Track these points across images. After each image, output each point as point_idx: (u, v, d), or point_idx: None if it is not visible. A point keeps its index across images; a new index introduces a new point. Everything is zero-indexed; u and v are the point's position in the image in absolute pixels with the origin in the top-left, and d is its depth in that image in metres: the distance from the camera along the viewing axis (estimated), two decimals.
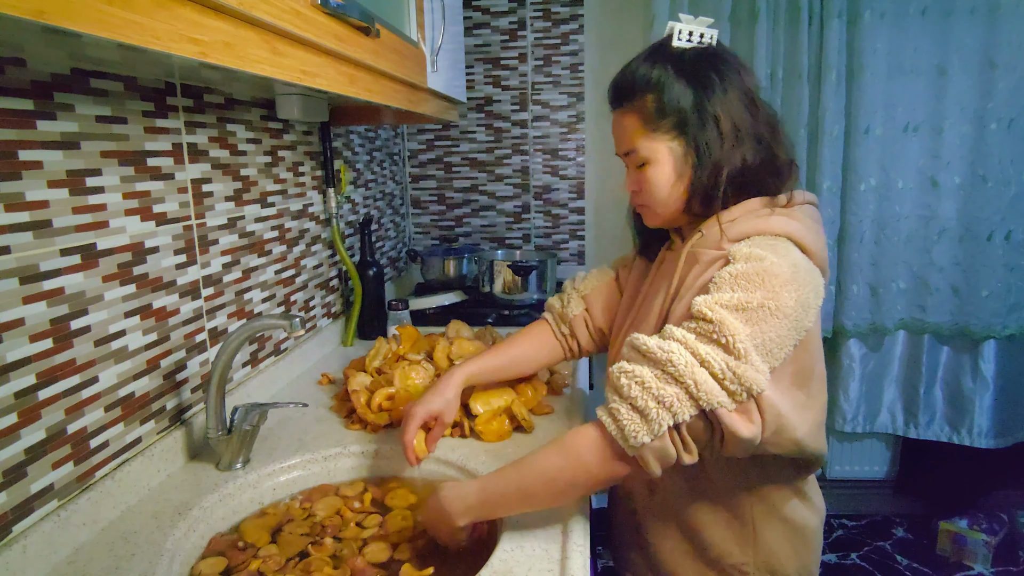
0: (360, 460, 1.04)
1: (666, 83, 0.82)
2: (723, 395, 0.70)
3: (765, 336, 0.71)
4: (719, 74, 0.82)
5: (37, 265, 0.75)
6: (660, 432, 0.70)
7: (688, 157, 0.83)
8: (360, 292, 1.61)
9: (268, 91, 1.25)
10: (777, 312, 0.72)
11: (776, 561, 0.88)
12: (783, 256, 0.75)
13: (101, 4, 0.46)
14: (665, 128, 0.83)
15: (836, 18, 1.96)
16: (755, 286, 0.73)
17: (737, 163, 0.81)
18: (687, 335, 0.73)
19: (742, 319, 0.71)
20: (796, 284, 0.74)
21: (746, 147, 0.81)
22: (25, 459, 0.73)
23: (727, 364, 0.70)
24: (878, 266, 2.12)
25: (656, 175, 0.85)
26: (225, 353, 0.93)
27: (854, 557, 2.22)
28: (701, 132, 0.81)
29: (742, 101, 0.82)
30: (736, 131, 0.81)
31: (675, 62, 0.82)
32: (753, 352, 0.70)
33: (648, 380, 0.71)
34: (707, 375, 0.70)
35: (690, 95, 0.81)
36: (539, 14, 2.22)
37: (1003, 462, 2.20)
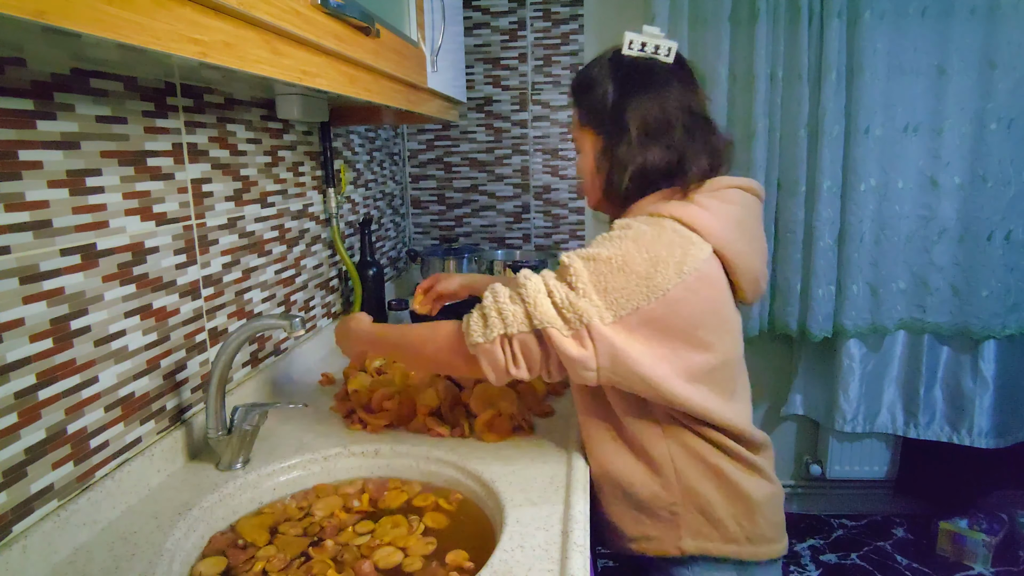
0: (360, 460, 1.04)
1: (598, 85, 0.94)
2: (558, 320, 0.82)
3: (608, 284, 0.82)
4: (646, 83, 0.91)
5: (37, 265, 0.75)
6: (491, 337, 0.84)
7: (604, 152, 0.94)
8: (360, 292, 1.61)
9: (268, 91, 1.25)
10: (624, 267, 0.82)
11: (703, 501, 0.92)
12: (652, 226, 0.86)
13: (101, 4, 0.46)
14: (591, 124, 0.96)
15: (836, 18, 1.96)
16: (611, 244, 0.85)
17: (638, 163, 0.90)
18: (547, 273, 0.87)
19: (589, 267, 0.84)
20: (652, 247, 0.83)
21: (652, 151, 0.90)
22: (25, 459, 0.73)
23: (567, 296, 0.82)
24: (878, 266, 2.12)
25: (582, 164, 0.99)
26: (225, 353, 0.93)
27: (854, 557, 2.22)
28: (615, 132, 0.92)
29: (663, 110, 0.90)
30: (644, 136, 0.90)
31: (613, 67, 0.94)
32: (593, 292, 0.82)
33: (502, 296, 0.86)
34: (549, 304, 0.83)
35: (613, 98, 0.92)
36: (539, 14, 2.22)
37: (1003, 462, 2.20)
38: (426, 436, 1.07)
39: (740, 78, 2.08)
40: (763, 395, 2.42)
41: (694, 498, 0.92)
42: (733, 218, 0.90)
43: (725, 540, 0.93)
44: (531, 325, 0.83)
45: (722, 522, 0.92)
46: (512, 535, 0.80)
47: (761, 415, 2.43)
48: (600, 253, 0.84)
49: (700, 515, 0.92)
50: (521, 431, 1.09)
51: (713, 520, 0.92)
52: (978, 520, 2.19)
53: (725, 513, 0.92)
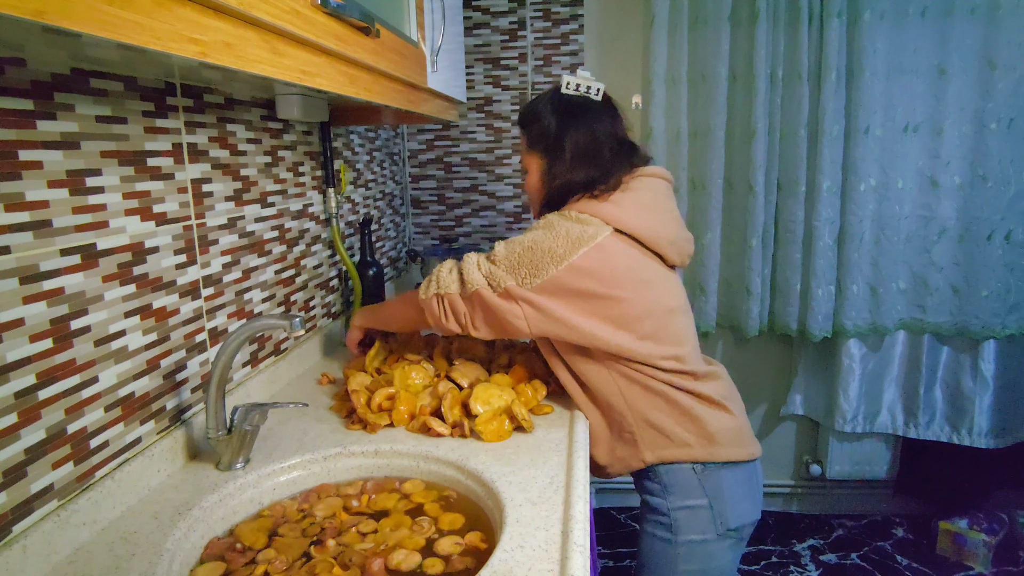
0: (360, 460, 1.04)
1: (543, 117, 1.18)
2: (485, 285, 1.09)
3: (521, 260, 1.07)
4: (579, 118, 1.16)
5: (37, 265, 0.75)
6: (429, 295, 1.14)
7: (545, 172, 1.18)
8: (360, 292, 1.61)
9: (268, 91, 1.25)
10: (533, 247, 1.07)
11: (654, 419, 1.13)
12: (560, 217, 1.11)
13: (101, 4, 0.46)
14: (537, 149, 1.20)
15: (836, 18, 1.96)
16: (528, 233, 1.11)
17: (569, 178, 1.15)
18: (481, 256, 1.13)
19: (506, 248, 1.10)
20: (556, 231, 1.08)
21: (578, 171, 1.14)
22: (25, 459, 0.73)
23: (490, 269, 1.09)
24: (878, 266, 2.12)
25: (529, 180, 1.23)
26: (225, 353, 0.93)
27: (854, 557, 2.22)
28: (553, 155, 1.17)
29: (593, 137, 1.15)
30: (574, 158, 1.15)
31: (555, 103, 1.18)
32: (506, 265, 1.08)
33: (446, 267, 1.15)
34: (478, 273, 1.10)
35: (554, 128, 1.17)
36: (539, 14, 2.22)
37: (1003, 462, 2.20)
38: (426, 436, 1.07)
39: (740, 78, 2.08)
40: (763, 395, 2.42)
41: (644, 415, 1.13)
42: (638, 202, 1.13)
43: (678, 446, 1.12)
44: (462, 288, 1.11)
45: (674, 433, 1.12)
46: (512, 535, 0.80)
47: (761, 415, 2.43)
48: (515, 238, 1.11)
49: (652, 429, 1.13)
50: (521, 431, 1.09)
51: (664, 431, 1.13)
52: (978, 520, 2.19)
53: (676, 427, 1.12)
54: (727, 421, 1.14)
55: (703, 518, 1.12)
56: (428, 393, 1.16)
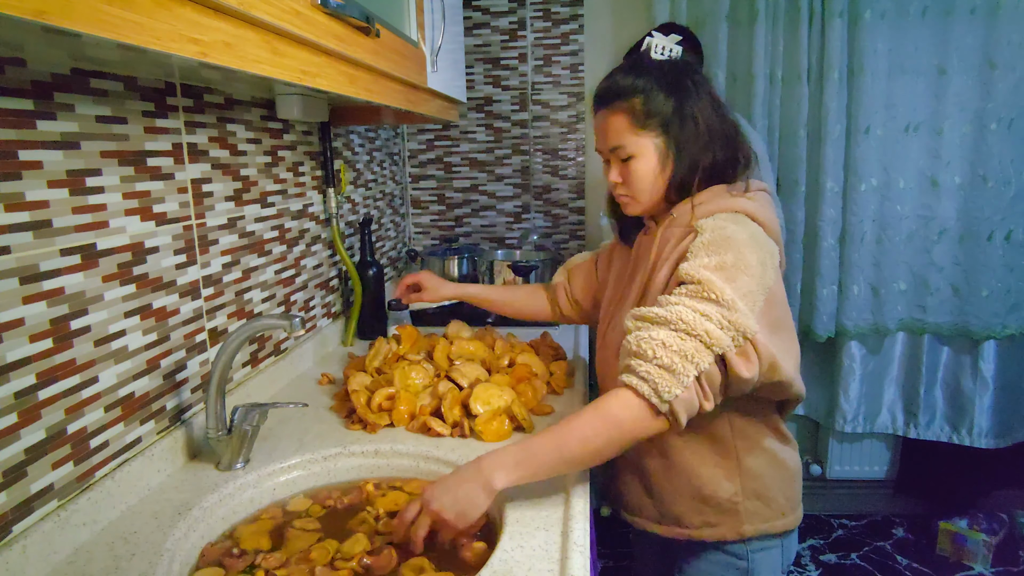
0: (360, 460, 1.04)
1: (652, 89, 0.95)
2: (728, 340, 0.81)
3: (742, 289, 0.84)
4: (694, 83, 0.96)
5: (37, 265, 0.75)
6: (688, 383, 0.81)
7: (669, 152, 0.96)
8: (360, 292, 1.61)
9: (268, 91, 1.25)
10: (747, 269, 0.85)
11: (762, 486, 0.98)
12: (741, 225, 0.90)
13: (101, 4, 0.46)
14: (651, 127, 0.96)
15: (837, 18, 1.96)
16: (724, 249, 0.86)
17: (710, 158, 0.95)
18: (682, 298, 0.84)
19: (723, 277, 0.84)
20: (755, 245, 0.88)
21: (716, 144, 0.96)
22: (25, 459, 0.73)
23: (722, 315, 0.81)
24: (879, 266, 2.12)
25: (642, 168, 0.97)
26: (225, 353, 0.93)
27: (854, 557, 2.22)
28: (682, 131, 0.95)
29: (712, 105, 0.96)
30: (709, 131, 0.95)
31: (657, 72, 0.96)
32: (739, 301, 0.82)
33: (668, 339, 0.81)
34: (714, 327, 0.81)
35: (672, 100, 0.95)
36: (539, 14, 2.22)
37: (1003, 462, 2.20)
38: (426, 436, 1.07)
39: (740, 78, 2.08)
40: None
41: (753, 484, 0.98)
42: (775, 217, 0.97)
43: (778, 516, 1.00)
44: (713, 354, 0.81)
45: (775, 501, 1.00)
46: (512, 535, 0.80)
47: None
48: (724, 261, 0.85)
49: (758, 500, 0.98)
50: (521, 431, 1.09)
51: (768, 502, 0.99)
52: (978, 520, 2.19)
53: (777, 492, 1.00)
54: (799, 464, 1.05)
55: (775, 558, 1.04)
56: (428, 393, 1.16)
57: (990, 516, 2.21)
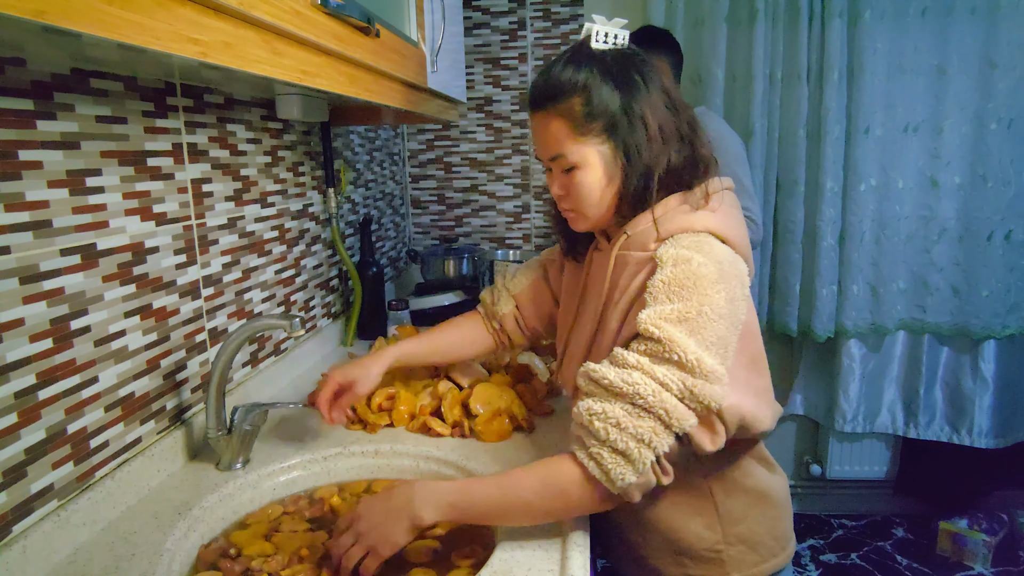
0: (360, 460, 1.04)
1: (593, 85, 0.81)
2: (690, 415, 0.72)
3: (710, 340, 0.73)
4: (642, 75, 0.82)
5: (37, 265, 0.75)
6: (644, 469, 0.72)
7: (618, 159, 0.83)
8: (360, 292, 1.61)
9: (268, 91, 1.25)
10: (714, 315, 0.74)
11: (746, 530, 0.89)
12: (707, 254, 0.77)
13: (101, 4, 0.46)
14: (595, 131, 0.82)
15: (836, 18, 1.96)
16: (689, 292, 0.74)
17: (664, 163, 0.82)
18: (641, 359, 0.74)
19: (686, 330, 0.73)
20: (723, 282, 0.76)
21: (672, 146, 0.82)
22: (25, 459, 0.73)
23: (684, 383, 0.72)
24: (878, 266, 2.12)
25: (586, 179, 0.84)
26: (225, 353, 0.93)
27: (854, 557, 2.22)
28: (631, 134, 0.81)
29: (664, 101, 0.83)
30: (662, 131, 0.82)
31: (599, 64, 0.82)
32: (706, 358, 0.72)
33: (623, 420, 0.72)
34: (673, 399, 0.72)
35: (617, 97, 0.81)
36: (539, 14, 2.22)
37: (1003, 462, 2.20)
38: (426, 436, 1.07)
39: (739, 78, 2.08)
40: None
41: (735, 529, 0.88)
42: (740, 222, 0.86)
43: (765, 560, 0.90)
44: (672, 434, 0.72)
45: (762, 543, 0.90)
46: (512, 535, 0.80)
47: None
48: (688, 310, 0.74)
49: (743, 546, 0.89)
50: (521, 431, 1.09)
51: (755, 546, 0.89)
52: (978, 520, 2.19)
53: (763, 532, 0.90)
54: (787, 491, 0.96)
55: None
56: (428, 393, 1.16)
57: (990, 516, 2.21)
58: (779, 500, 0.92)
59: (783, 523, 0.93)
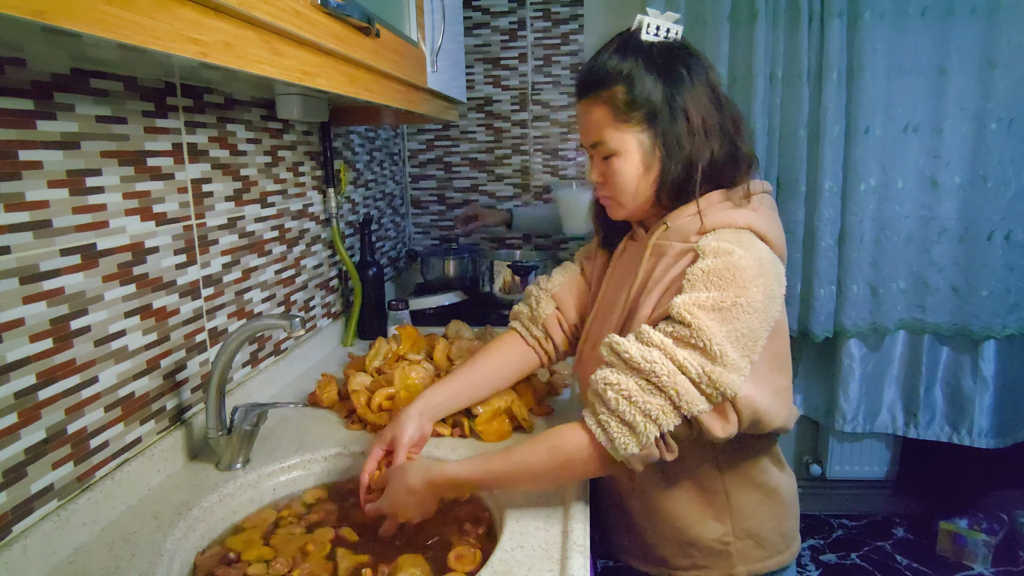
0: (360, 460, 1.04)
1: (637, 75, 0.83)
2: (702, 400, 0.74)
3: (740, 332, 0.75)
4: (688, 69, 0.84)
5: (37, 265, 0.75)
6: (648, 443, 0.74)
7: (656, 150, 0.84)
8: (360, 292, 1.61)
9: (268, 91, 1.25)
10: (749, 307, 0.75)
11: (755, 525, 0.90)
12: (748, 249, 0.78)
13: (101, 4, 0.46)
14: (635, 120, 0.84)
15: (836, 18, 1.96)
16: (727, 283, 0.76)
17: (707, 157, 0.83)
18: (665, 340, 0.75)
19: (718, 319, 0.74)
20: (763, 277, 0.77)
21: (713, 141, 0.83)
22: (25, 459, 0.73)
23: (703, 368, 0.73)
24: (878, 266, 2.12)
25: (624, 167, 0.86)
26: (225, 353, 0.93)
27: (854, 557, 2.22)
28: (671, 126, 0.83)
29: (708, 96, 0.84)
30: (704, 125, 0.83)
31: (645, 55, 0.84)
32: (730, 350, 0.74)
33: (634, 394, 0.74)
34: (687, 382, 0.73)
35: (660, 89, 0.83)
36: (539, 14, 2.22)
37: (1003, 462, 2.20)
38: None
39: (740, 78, 2.08)
40: None
41: (745, 523, 0.90)
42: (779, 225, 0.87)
43: (771, 556, 0.92)
44: (680, 415, 0.74)
45: (769, 540, 0.91)
46: (512, 535, 0.80)
47: None
48: (723, 299, 0.75)
49: (750, 540, 0.90)
50: (521, 431, 1.09)
51: (762, 541, 0.91)
52: (978, 520, 2.19)
53: (771, 529, 0.92)
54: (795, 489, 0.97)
55: None
56: None
57: (990, 516, 2.21)
58: (788, 498, 0.94)
59: (790, 521, 0.95)
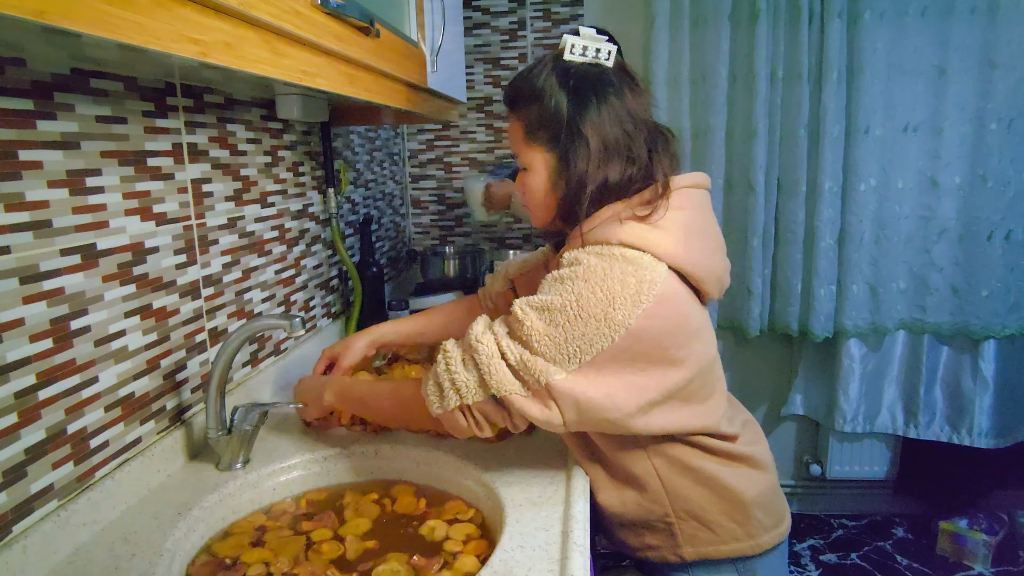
0: (360, 460, 1.04)
1: (547, 96, 0.86)
2: (516, 384, 0.79)
3: (567, 334, 0.78)
4: (597, 93, 0.85)
5: (37, 265, 0.75)
6: (449, 407, 0.82)
7: (561, 170, 0.87)
8: (360, 292, 1.61)
9: (268, 91, 1.25)
10: (580, 312, 0.78)
11: (694, 506, 0.91)
12: (603, 259, 0.81)
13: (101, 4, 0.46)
14: (542, 139, 0.88)
15: (836, 18, 1.96)
16: (564, 288, 0.80)
17: (599, 180, 0.85)
18: (500, 328, 0.82)
19: (544, 319, 0.79)
20: (605, 284, 0.78)
21: (612, 166, 0.85)
22: (25, 459, 0.73)
23: (522, 357, 0.79)
24: (878, 266, 2.12)
25: (532, 182, 0.91)
26: (225, 353, 0.93)
27: (854, 557, 2.22)
28: (571, 147, 0.85)
29: (619, 122, 0.85)
30: (604, 150, 0.85)
31: (560, 76, 0.86)
32: (550, 346, 0.78)
33: (453, 364, 0.82)
34: (504, 367, 0.79)
35: (566, 110, 0.85)
36: (539, 14, 2.22)
37: (1003, 462, 2.20)
38: (426, 436, 1.07)
39: (740, 78, 2.08)
40: (763, 395, 2.42)
41: (685, 505, 0.91)
42: (684, 225, 0.85)
43: (723, 541, 0.92)
44: (487, 392, 0.80)
45: (718, 523, 0.92)
46: (512, 535, 0.80)
47: (761, 415, 2.43)
48: (553, 301, 0.79)
49: (694, 521, 0.92)
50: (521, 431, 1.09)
51: (707, 523, 0.92)
52: (978, 520, 2.19)
53: (719, 514, 0.92)
54: (763, 482, 0.95)
55: None
56: None
57: (990, 516, 2.21)
58: (737, 491, 0.91)
59: (747, 512, 0.92)
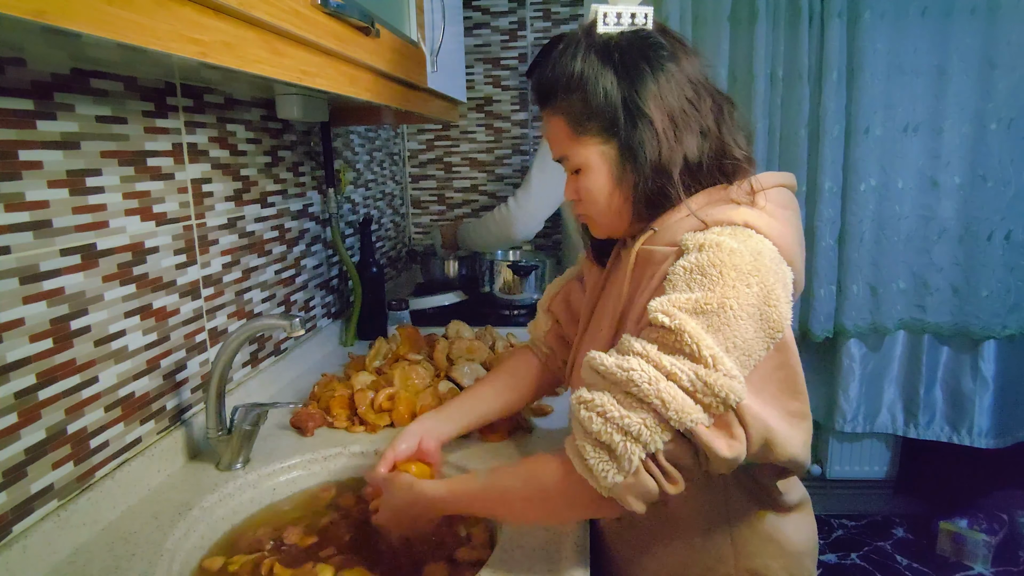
0: (360, 460, 1.04)
1: (591, 79, 0.72)
2: (697, 410, 0.60)
3: (733, 340, 0.63)
4: (650, 62, 0.71)
5: (37, 265, 0.75)
6: (632, 468, 0.61)
7: (625, 161, 0.73)
8: (360, 292, 1.61)
9: (268, 91, 1.25)
10: (741, 311, 0.63)
11: (759, 562, 0.80)
12: (743, 242, 0.66)
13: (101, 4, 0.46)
14: (594, 131, 0.73)
15: (836, 18, 1.96)
16: (713, 282, 0.64)
17: (679, 161, 0.71)
18: (648, 347, 0.63)
19: (704, 324, 0.62)
20: (759, 274, 0.64)
21: (688, 141, 0.71)
22: (25, 459, 0.73)
23: (696, 374, 0.61)
24: (878, 266, 2.12)
25: (591, 183, 0.75)
26: (225, 353, 0.93)
27: (854, 557, 2.22)
28: (633, 132, 0.71)
29: (680, 90, 0.72)
30: (674, 127, 0.71)
31: (601, 52, 0.72)
32: (725, 358, 0.61)
33: (610, 409, 0.62)
34: (676, 389, 0.61)
35: (618, 90, 0.71)
36: (539, 14, 2.22)
37: (1003, 462, 2.20)
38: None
39: (740, 78, 2.08)
40: None
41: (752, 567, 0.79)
42: (796, 226, 0.75)
43: None
44: (671, 430, 0.61)
45: None
46: (512, 535, 0.80)
47: None
48: (709, 300, 0.63)
49: None
50: (521, 431, 1.09)
51: None
52: (978, 520, 2.19)
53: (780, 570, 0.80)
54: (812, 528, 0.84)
55: None
56: (428, 393, 1.16)
57: (990, 516, 2.21)
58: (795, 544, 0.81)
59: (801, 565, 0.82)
